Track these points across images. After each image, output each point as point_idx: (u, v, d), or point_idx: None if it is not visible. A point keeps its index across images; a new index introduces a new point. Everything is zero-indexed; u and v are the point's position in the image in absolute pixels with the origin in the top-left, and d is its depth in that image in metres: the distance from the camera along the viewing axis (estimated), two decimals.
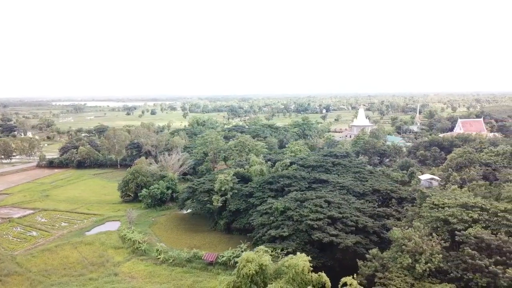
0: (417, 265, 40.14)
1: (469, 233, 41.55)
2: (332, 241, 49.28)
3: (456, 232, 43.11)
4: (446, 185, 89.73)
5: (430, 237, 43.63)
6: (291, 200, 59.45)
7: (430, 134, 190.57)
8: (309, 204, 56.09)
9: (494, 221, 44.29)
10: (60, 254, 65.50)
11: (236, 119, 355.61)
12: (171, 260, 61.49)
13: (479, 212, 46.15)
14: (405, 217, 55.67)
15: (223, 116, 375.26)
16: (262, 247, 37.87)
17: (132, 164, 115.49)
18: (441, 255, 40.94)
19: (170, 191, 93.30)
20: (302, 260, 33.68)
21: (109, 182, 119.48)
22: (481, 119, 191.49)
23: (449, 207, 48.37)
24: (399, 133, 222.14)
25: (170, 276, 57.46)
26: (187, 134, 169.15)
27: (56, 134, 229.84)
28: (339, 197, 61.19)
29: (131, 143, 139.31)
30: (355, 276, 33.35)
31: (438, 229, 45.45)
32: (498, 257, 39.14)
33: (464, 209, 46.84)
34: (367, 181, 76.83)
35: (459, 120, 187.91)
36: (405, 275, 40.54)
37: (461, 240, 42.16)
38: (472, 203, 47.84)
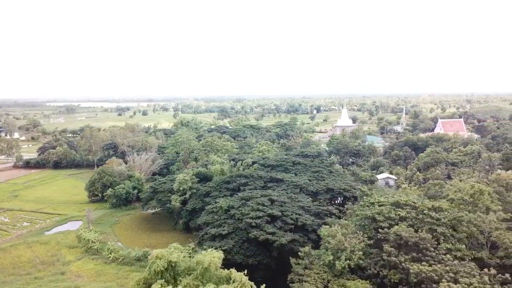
0: (337, 262, 40.84)
1: (390, 231, 42.26)
2: (268, 239, 49.88)
3: (379, 230, 43.85)
4: (410, 184, 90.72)
5: (356, 234, 44.36)
6: (237, 199, 60.06)
7: (413, 134, 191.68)
8: (252, 203, 56.67)
9: (419, 219, 45.06)
10: (13, 253, 65.86)
11: (226, 119, 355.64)
12: (120, 259, 61.98)
13: (408, 210, 46.91)
14: (345, 214, 56.39)
15: (214, 117, 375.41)
16: (174, 244, 38.49)
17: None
18: (361, 252, 41.69)
19: (136, 191, 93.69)
20: (210, 257, 34.19)
21: (82, 182, 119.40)
22: (461, 119, 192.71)
23: (382, 205, 49.11)
24: (382, 133, 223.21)
25: (117, 275, 57.91)
26: (165, 134, 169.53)
27: (40, 134, 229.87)
28: (285, 196, 61.85)
29: (107, 144, 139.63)
30: (245, 271, 34.03)
31: (366, 226, 46.16)
32: (415, 254, 39.91)
33: (394, 208, 47.58)
34: (323, 180, 77.57)
35: (440, 120, 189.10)
36: (325, 272, 41.23)
37: (382, 238, 42.88)
38: (403, 201, 48.59)
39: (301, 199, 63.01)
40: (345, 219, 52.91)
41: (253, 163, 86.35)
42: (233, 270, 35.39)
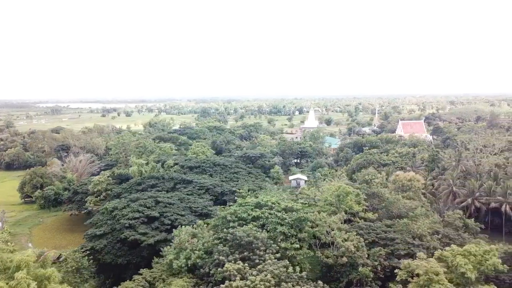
0: (174, 261, 42.18)
1: (229, 231, 43.63)
2: (136, 239, 51.20)
3: (224, 229, 45.22)
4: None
5: (207, 234, 45.72)
6: (125, 200, 61.33)
7: (376, 135, 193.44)
8: (135, 204, 57.98)
9: (269, 219, 46.41)
10: None
11: (205, 120, 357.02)
12: None
13: (263, 210, 48.27)
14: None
15: (195, 118, 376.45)
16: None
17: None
18: (202, 252, 43.03)
19: (67, 192, 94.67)
20: (20, 257, 35.43)
21: None
22: (422, 121, 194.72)
23: (245, 205, 50.49)
24: (350, 134, 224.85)
25: None
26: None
27: (9, 136, 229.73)
28: (177, 197, 63.25)
29: (59, 145, 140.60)
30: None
31: (218, 226, 47.54)
32: (247, 253, 41.32)
33: (252, 208, 48.95)
34: (237, 181, 79.05)
35: (400, 121, 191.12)
36: (163, 271, 42.56)
37: (225, 237, 44.24)
38: (264, 202, 49.98)
39: (196, 200, 64.42)
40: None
41: (175, 164, 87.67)
42: (51, 270, 36.65)
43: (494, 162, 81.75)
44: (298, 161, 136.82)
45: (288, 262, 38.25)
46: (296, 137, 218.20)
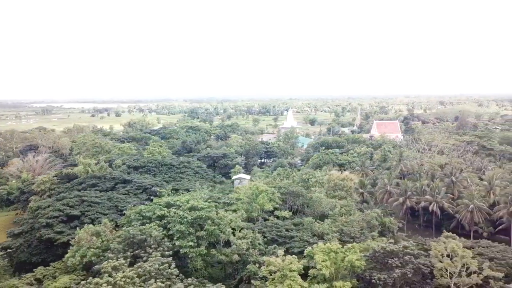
0: (70, 259, 42.91)
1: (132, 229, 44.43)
2: (50, 237, 51.90)
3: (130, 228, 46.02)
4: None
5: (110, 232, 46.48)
6: (51, 200, 62.05)
7: (355, 135, 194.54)
8: (59, 203, 58.68)
9: (173, 218, 47.15)
10: None
11: (193, 120, 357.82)
12: None
13: (171, 209, 48.97)
14: None
15: (183, 118, 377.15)
16: None
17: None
18: (100, 250, 43.79)
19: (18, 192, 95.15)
20: None
21: None
22: (396, 121, 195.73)
23: (157, 204, 51.28)
24: (329, 134, 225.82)
25: None
26: (105, 135, 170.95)
27: None
28: (106, 196, 63.98)
29: (28, 145, 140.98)
30: None
31: (124, 225, 48.26)
32: (139, 251, 42.20)
33: (161, 207, 49.71)
34: (180, 181, 79.89)
35: (375, 121, 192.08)
36: (59, 269, 43.35)
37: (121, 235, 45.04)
38: (173, 201, 50.73)
39: (127, 199, 65.16)
40: None
41: (123, 164, 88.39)
42: None
43: (437, 162, 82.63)
44: (264, 161, 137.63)
45: (171, 259, 39.00)
46: (275, 137, 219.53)
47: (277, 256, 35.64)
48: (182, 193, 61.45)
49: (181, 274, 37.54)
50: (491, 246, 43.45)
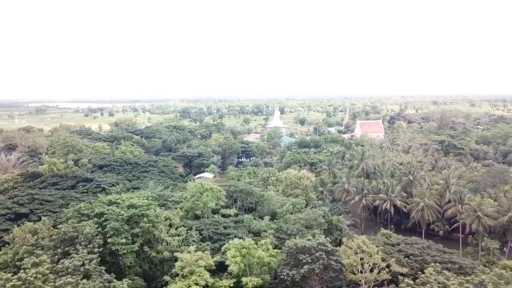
0: (2, 256, 43.29)
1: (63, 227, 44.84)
2: None
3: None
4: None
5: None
6: (8, 197, 62.41)
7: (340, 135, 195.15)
8: (9, 201, 59.02)
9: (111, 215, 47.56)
10: None
11: (184, 120, 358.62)
12: None
13: (110, 207, 49.34)
14: None
15: (175, 118, 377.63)
16: None
17: None
18: (33, 247, 44.15)
19: None
20: None
21: None
22: (379, 121, 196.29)
23: (99, 202, 51.74)
24: (316, 134, 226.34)
25: None
26: (80, 134, 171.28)
27: None
28: (60, 194, 64.35)
29: (7, 145, 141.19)
30: None
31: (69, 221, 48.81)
32: (68, 248, 42.56)
33: (102, 204, 50.12)
34: (143, 179, 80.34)
35: (358, 121, 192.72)
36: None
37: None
38: (114, 199, 51.14)
39: (83, 197, 65.49)
40: None
41: (89, 162, 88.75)
42: None
43: (398, 161, 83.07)
44: (242, 160, 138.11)
45: (95, 256, 39.37)
46: (262, 136, 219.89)
47: (189, 252, 36.05)
48: (134, 191, 61.74)
49: (103, 271, 37.88)
50: (416, 243, 43.82)
